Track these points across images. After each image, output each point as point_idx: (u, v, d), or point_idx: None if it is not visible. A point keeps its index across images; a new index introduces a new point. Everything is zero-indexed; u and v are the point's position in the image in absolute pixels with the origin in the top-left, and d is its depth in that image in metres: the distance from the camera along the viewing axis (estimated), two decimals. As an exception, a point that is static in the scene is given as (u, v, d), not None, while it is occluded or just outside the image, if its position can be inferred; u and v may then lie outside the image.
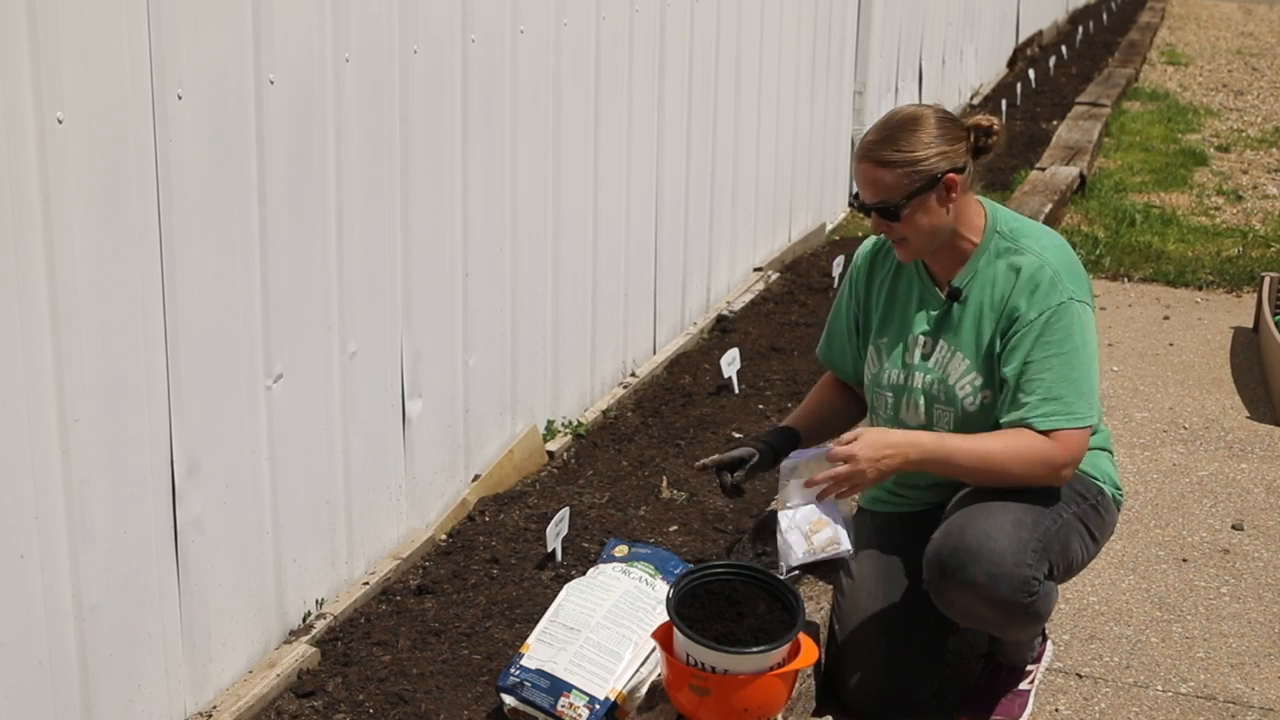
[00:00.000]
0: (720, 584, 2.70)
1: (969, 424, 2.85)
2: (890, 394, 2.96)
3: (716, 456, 2.99)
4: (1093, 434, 2.93)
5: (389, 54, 3.10)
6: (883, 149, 2.74)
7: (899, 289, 2.97)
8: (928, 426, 2.90)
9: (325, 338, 2.99)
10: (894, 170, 2.73)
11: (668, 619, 2.59)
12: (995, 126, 2.81)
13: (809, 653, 2.63)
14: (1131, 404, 4.77)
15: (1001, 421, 2.78)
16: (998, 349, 2.81)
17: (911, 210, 2.75)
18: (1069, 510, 2.81)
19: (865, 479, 2.76)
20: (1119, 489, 2.96)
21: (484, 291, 3.62)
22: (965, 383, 2.85)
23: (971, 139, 2.80)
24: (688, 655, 2.55)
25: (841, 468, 2.75)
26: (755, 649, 2.53)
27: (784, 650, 2.57)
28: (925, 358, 2.91)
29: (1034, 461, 2.72)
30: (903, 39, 7.74)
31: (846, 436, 2.79)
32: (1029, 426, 2.74)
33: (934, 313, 2.90)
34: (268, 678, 2.81)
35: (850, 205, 7.04)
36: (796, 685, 2.70)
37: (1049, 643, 3.10)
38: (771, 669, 2.55)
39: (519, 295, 3.80)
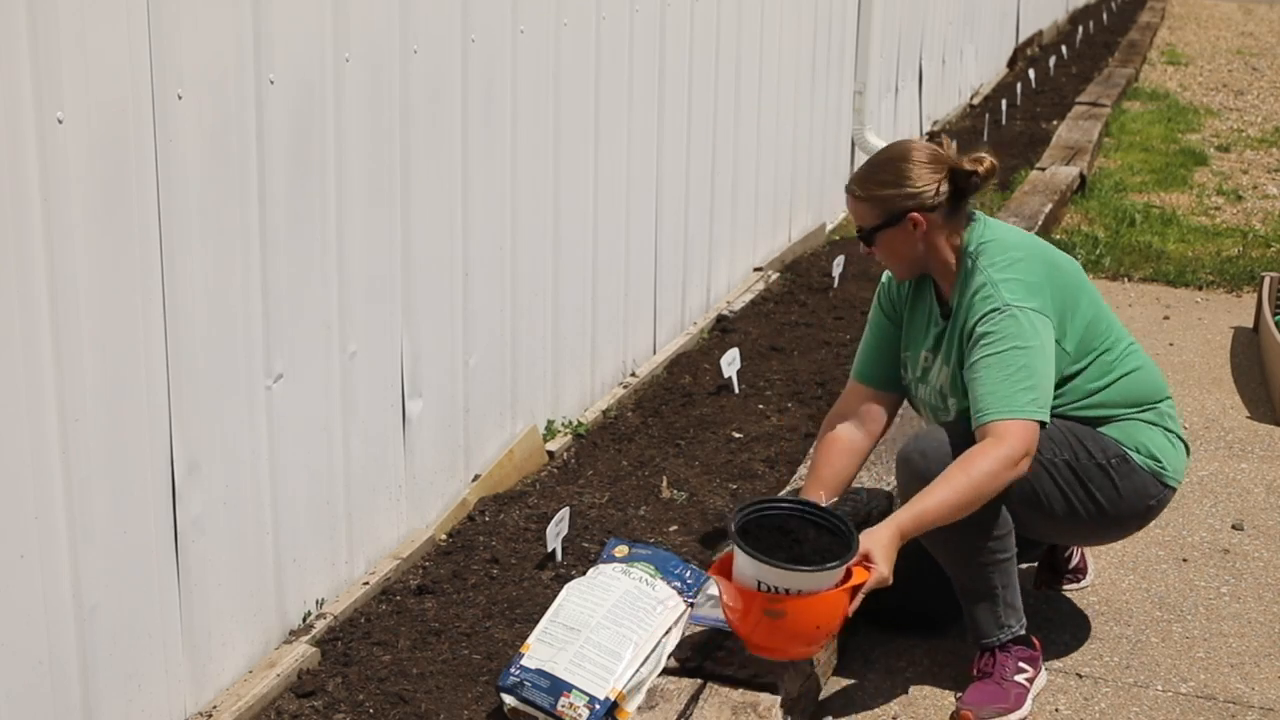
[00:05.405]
0: (770, 518, 2.82)
1: (968, 438, 2.90)
2: (918, 403, 3.20)
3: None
4: (1146, 410, 3.05)
5: (389, 54, 3.10)
6: (857, 183, 3.04)
7: (919, 305, 3.15)
8: None
9: (325, 338, 2.99)
10: (864, 203, 3.02)
11: (721, 555, 2.78)
12: (980, 168, 2.97)
13: (859, 573, 2.72)
14: (1131, 404, 4.77)
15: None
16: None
17: (882, 239, 3.02)
18: (1060, 455, 2.94)
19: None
20: (1158, 462, 3.03)
21: (484, 291, 3.62)
22: (954, 398, 3.03)
23: (946, 180, 2.96)
24: (759, 582, 2.64)
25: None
26: (831, 564, 2.65)
27: (845, 568, 2.70)
28: (927, 372, 3.10)
29: (996, 468, 2.79)
30: (903, 39, 7.74)
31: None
32: (978, 425, 2.86)
33: (935, 329, 3.08)
34: (268, 678, 2.81)
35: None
36: (796, 685, 2.71)
37: (1038, 649, 3.05)
38: (838, 585, 2.67)
39: (519, 295, 3.80)
